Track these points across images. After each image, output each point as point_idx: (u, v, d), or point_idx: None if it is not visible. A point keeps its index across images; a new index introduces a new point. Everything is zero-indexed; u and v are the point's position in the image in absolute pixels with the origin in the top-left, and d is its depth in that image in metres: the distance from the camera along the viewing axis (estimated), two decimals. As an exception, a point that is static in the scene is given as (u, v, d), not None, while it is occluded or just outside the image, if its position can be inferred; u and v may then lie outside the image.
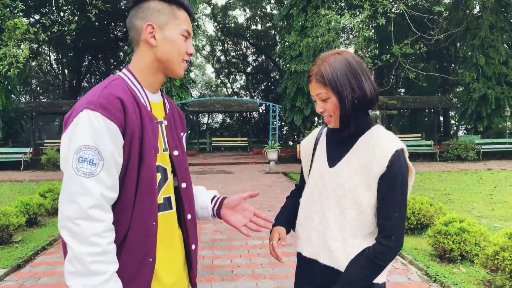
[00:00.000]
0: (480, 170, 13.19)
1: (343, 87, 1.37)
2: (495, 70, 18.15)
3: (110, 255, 1.14)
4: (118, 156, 1.17)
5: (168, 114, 1.37)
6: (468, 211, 6.77)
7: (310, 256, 1.46)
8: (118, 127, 1.15)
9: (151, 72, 1.31)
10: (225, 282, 3.79)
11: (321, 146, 1.53)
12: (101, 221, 1.12)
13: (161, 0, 1.29)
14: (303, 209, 1.52)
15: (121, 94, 1.19)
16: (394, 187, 1.32)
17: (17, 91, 19.90)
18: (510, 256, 3.26)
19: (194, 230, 1.41)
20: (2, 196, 9.26)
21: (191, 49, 1.34)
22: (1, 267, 4.26)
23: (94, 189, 1.12)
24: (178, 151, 1.36)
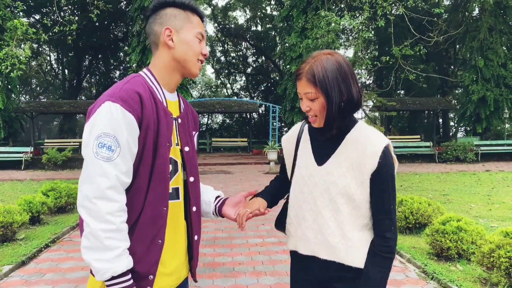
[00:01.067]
0: (479, 171, 13.28)
1: (333, 89, 1.38)
2: (494, 72, 18.26)
3: (123, 233, 1.24)
4: (133, 145, 1.27)
5: (182, 112, 1.49)
6: (466, 211, 6.84)
7: (308, 253, 1.48)
8: (135, 119, 1.26)
9: (169, 71, 1.42)
10: (227, 278, 3.86)
11: (304, 143, 1.56)
12: (116, 201, 1.23)
13: (176, 7, 1.42)
14: (293, 208, 1.54)
15: (140, 89, 1.30)
16: (386, 183, 1.38)
17: (17, 90, 19.96)
18: (506, 253, 3.34)
19: (198, 222, 1.50)
20: (3, 195, 9.32)
21: (205, 50, 1.45)
22: (6, 263, 4.33)
23: (110, 172, 1.23)
24: (189, 147, 1.47)
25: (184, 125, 1.48)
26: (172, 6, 1.42)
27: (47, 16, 25.61)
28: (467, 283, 3.65)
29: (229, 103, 23.98)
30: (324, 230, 1.44)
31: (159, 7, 1.42)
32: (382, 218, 1.40)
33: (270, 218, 6.21)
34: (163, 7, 1.42)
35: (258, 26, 33.85)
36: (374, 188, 1.39)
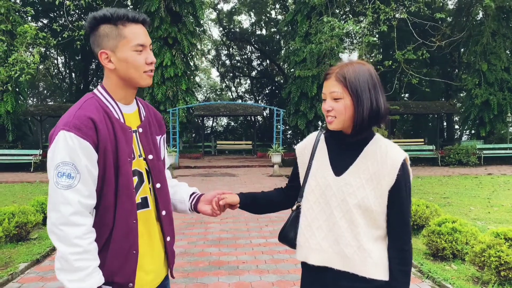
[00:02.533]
0: (481, 174, 13.40)
1: (363, 93, 1.39)
2: (497, 76, 18.38)
3: (91, 253, 1.32)
4: (93, 169, 1.34)
5: (143, 121, 1.52)
6: (465, 213, 7.01)
7: (321, 263, 1.47)
8: (91, 144, 1.32)
9: (120, 88, 1.45)
10: (231, 276, 4.07)
11: (320, 153, 1.55)
12: (81, 225, 1.31)
13: (107, 22, 1.39)
14: (306, 218, 1.53)
15: (92, 114, 1.35)
16: (404, 196, 1.41)
17: (26, 94, 20.28)
18: (495, 253, 3.52)
19: (169, 224, 1.56)
20: (15, 196, 9.60)
21: (150, 59, 1.43)
22: (22, 261, 4.57)
23: (72, 199, 1.29)
24: (153, 155, 1.51)
25: (146, 133, 1.51)
26: (104, 22, 1.39)
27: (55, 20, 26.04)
28: (460, 282, 3.83)
29: (234, 106, 24.22)
30: (340, 240, 1.44)
31: (93, 26, 1.40)
32: (400, 231, 1.43)
33: (273, 220, 6.41)
34: (97, 26, 1.40)
35: (262, 30, 34.13)
36: (392, 201, 1.41)
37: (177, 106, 18.40)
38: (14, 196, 9.67)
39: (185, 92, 19.12)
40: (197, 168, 16.34)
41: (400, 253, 1.42)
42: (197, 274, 4.14)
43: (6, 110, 16.65)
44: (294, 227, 1.57)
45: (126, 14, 1.38)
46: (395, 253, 1.43)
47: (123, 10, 1.39)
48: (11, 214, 5.31)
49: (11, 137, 17.48)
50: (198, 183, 11.20)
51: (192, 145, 25.68)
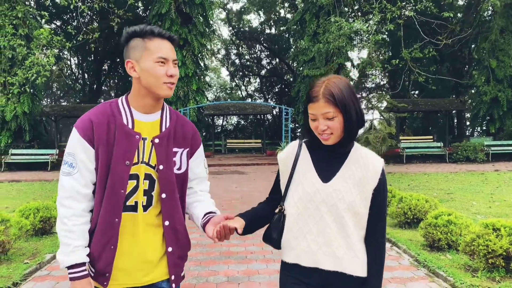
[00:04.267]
0: (488, 171, 13.54)
1: (351, 107, 1.50)
2: (506, 73, 18.41)
3: (75, 234, 1.51)
4: (90, 163, 1.54)
5: (162, 132, 1.62)
6: (467, 208, 7.24)
7: (311, 265, 1.57)
8: (87, 142, 1.52)
9: (140, 96, 1.59)
10: (240, 264, 4.41)
11: (304, 162, 1.64)
12: (71, 208, 1.53)
13: (137, 36, 1.56)
14: (296, 223, 1.61)
15: (94, 116, 1.55)
16: (384, 195, 1.58)
17: (41, 95, 20.85)
18: (484, 242, 3.80)
19: (173, 235, 1.63)
20: (35, 194, 10.07)
21: (170, 71, 1.55)
22: (48, 252, 4.97)
23: (68, 185, 1.53)
24: (164, 166, 1.60)
25: (162, 144, 1.60)
26: (134, 36, 1.56)
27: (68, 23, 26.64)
28: (453, 270, 4.11)
29: (244, 105, 24.56)
30: (331, 242, 1.55)
31: (126, 40, 1.58)
32: (377, 225, 1.58)
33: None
34: (128, 40, 1.57)
35: (272, 29, 34.38)
36: (375, 202, 1.55)
37: (188, 106, 18.81)
38: (34, 193, 10.14)
39: (195, 92, 19.51)
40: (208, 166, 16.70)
41: (376, 245, 1.57)
42: (209, 263, 4.49)
43: (23, 111, 17.09)
44: (277, 229, 1.66)
45: (153, 30, 1.54)
46: (372, 245, 1.57)
47: (152, 27, 1.55)
48: (36, 210, 5.71)
49: (27, 137, 17.97)
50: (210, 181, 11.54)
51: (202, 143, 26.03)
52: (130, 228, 1.58)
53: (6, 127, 17.32)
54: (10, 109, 16.83)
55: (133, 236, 1.58)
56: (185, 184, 1.69)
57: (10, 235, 4.78)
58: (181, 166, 1.65)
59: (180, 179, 1.66)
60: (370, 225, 1.57)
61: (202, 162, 1.79)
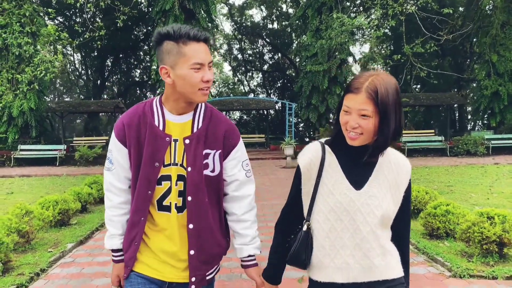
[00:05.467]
0: (487, 164, 13.80)
1: (391, 113, 1.36)
2: (507, 67, 18.59)
3: (113, 223, 1.66)
4: (124, 162, 1.62)
5: (194, 133, 1.59)
6: (466, 200, 7.51)
7: (349, 281, 1.45)
8: (120, 142, 1.60)
9: (173, 99, 1.57)
10: (251, 252, 4.71)
11: (332, 167, 1.48)
12: (110, 200, 1.67)
13: (170, 39, 1.48)
14: (328, 238, 1.47)
15: (127, 118, 1.60)
16: (410, 196, 1.54)
17: (47, 92, 21.16)
18: (479, 229, 4.08)
19: (195, 239, 1.59)
20: (47, 188, 10.40)
21: (206, 77, 1.49)
22: (68, 242, 5.27)
23: (107, 178, 1.66)
24: (191, 168, 1.57)
25: (193, 145, 1.57)
26: (167, 38, 1.48)
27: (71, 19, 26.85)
28: (450, 255, 4.40)
29: (247, 101, 24.82)
30: (369, 253, 1.44)
31: (158, 42, 1.51)
32: (408, 226, 1.56)
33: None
34: (161, 42, 1.50)
35: (274, 24, 34.53)
36: (405, 203, 1.50)
37: (192, 101, 19.06)
38: (46, 188, 10.46)
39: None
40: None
41: (407, 246, 1.56)
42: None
43: (30, 107, 17.38)
44: (305, 248, 1.51)
45: (188, 33, 1.45)
46: (403, 246, 1.54)
47: (186, 28, 1.46)
48: (55, 202, 6.02)
49: (34, 133, 18.26)
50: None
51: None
52: (164, 227, 1.60)
53: (13, 123, 17.64)
54: (17, 105, 17.11)
55: (167, 235, 1.60)
56: (220, 187, 1.65)
57: (34, 225, 5.09)
58: (214, 168, 1.60)
59: (215, 183, 1.62)
60: (402, 226, 1.52)
61: (240, 163, 1.68)
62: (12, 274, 4.13)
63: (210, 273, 1.69)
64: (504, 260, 4.12)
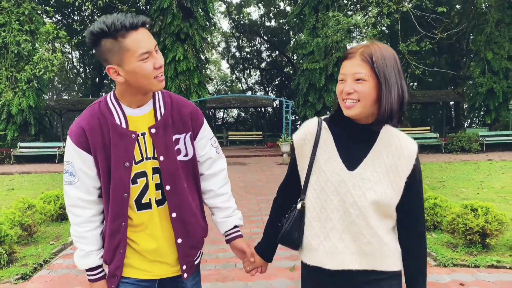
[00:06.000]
0: (481, 160, 14.02)
1: (391, 77, 1.28)
2: (501, 65, 18.81)
3: (87, 239, 1.52)
4: (89, 170, 1.47)
5: (158, 121, 1.50)
6: (456, 195, 7.72)
7: (336, 267, 1.39)
8: (82, 150, 1.45)
9: (130, 94, 1.47)
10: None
11: (326, 144, 1.41)
12: (78, 216, 1.51)
13: (108, 37, 1.34)
14: (319, 219, 1.42)
15: (85, 122, 1.45)
16: (419, 183, 1.40)
17: (46, 89, 21.26)
18: (463, 221, 4.27)
19: (181, 227, 1.56)
20: (47, 184, 10.57)
21: (158, 63, 1.39)
22: (69, 235, 5.44)
23: (71, 194, 1.50)
24: (164, 157, 1.50)
25: (159, 134, 1.50)
26: (103, 37, 1.35)
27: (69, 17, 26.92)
28: (437, 246, 4.59)
29: (245, 98, 25.03)
30: (358, 239, 1.37)
31: (94, 43, 1.37)
32: (420, 216, 1.43)
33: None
34: (97, 41, 1.36)
35: (271, 22, 34.70)
36: (410, 190, 1.37)
37: (190, 99, 19.21)
38: (46, 184, 10.63)
39: (197, 85, 19.92)
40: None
41: (420, 238, 1.43)
42: (219, 242, 4.98)
43: (29, 105, 17.50)
44: (297, 227, 1.46)
45: (124, 24, 1.33)
46: (416, 238, 1.42)
47: (120, 19, 1.33)
48: (56, 197, 6.20)
49: (33, 131, 18.38)
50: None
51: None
52: (147, 226, 1.54)
53: (12, 120, 17.77)
54: (16, 103, 17.24)
55: (151, 234, 1.54)
56: (196, 170, 1.61)
57: (36, 219, 5.27)
58: (187, 152, 1.56)
59: (190, 166, 1.58)
60: (412, 216, 1.41)
61: (209, 141, 1.66)
62: (16, 264, 4.31)
63: (197, 258, 1.67)
64: (487, 250, 4.31)
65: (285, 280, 3.79)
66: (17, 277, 3.96)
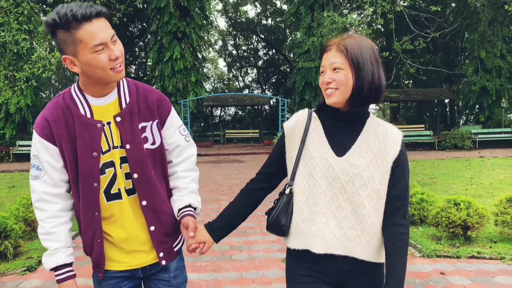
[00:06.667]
0: (473, 157, 14.29)
1: (365, 65, 1.35)
2: (494, 63, 19.09)
3: (54, 236, 1.46)
4: (55, 162, 1.45)
5: (123, 109, 1.49)
6: (446, 191, 7.96)
7: (324, 251, 1.42)
8: (47, 141, 1.42)
9: (91, 84, 1.45)
10: (240, 236, 5.13)
11: (315, 132, 1.47)
12: (45, 210, 1.47)
13: (61, 28, 1.33)
14: (307, 203, 1.45)
15: (49, 114, 1.44)
16: (405, 169, 1.42)
17: (44, 88, 21.37)
18: (446, 214, 4.51)
19: (151, 214, 1.53)
20: (47, 182, 10.76)
21: (113, 54, 1.36)
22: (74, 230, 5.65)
23: (37, 188, 1.46)
24: (130, 145, 1.48)
25: (124, 122, 1.48)
26: (57, 28, 1.34)
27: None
28: (422, 239, 4.83)
29: (242, 97, 25.25)
30: (343, 223, 1.41)
31: (51, 33, 1.37)
32: (400, 205, 1.42)
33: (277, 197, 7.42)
34: (53, 32, 1.36)
35: (268, 20, 34.87)
36: (394, 176, 1.41)
37: (187, 97, 19.43)
38: (46, 182, 10.81)
39: (194, 83, 20.13)
40: (208, 155, 17.42)
41: (402, 227, 1.42)
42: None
43: (26, 103, 17.61)
44: (285, 213, 1.49)
45: (75, 15, 1.30)
46: (397, 227, 1.41)
47: (73, 10, 1.30)
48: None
49: (31, 129, 18.53)
50: (210, 169, 12.30)
51: (201, 134, 26.77)
52: (119, 217, 1.52)
53: (10, 119, 17.90)
54: (14, 102, 17.36)
55: (122, 225, 1.52)
56: (164, 158, 1.59)
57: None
58: (154, 140, 1.54)
59: (158, 154, 1.56)
60: (390, 204, 1.42)
61: (177, 129, 1.63)
62: (22, 258, 4.52)
63: (176, 244, 1.64)
64: (469, 242, 4.55)
65: (277, 270, 4.02)
66: (23, 269, 4.18)
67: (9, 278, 3.98)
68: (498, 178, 9.29)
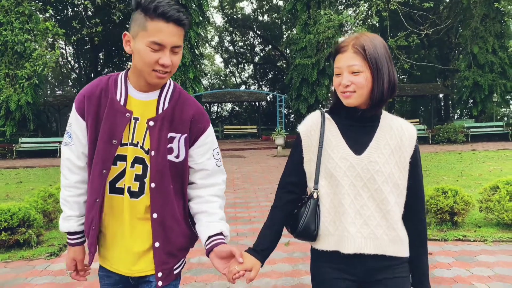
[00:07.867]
0: (465, 151, 14.76)
1: (383, 65, 1.35)
2: (486, 59, 19.54)
3: (69, 204, 1.53)
4: (82, 136, 1.49)
5: (159, 114, 1.45)
6: (437, 182, 8.37)
7: (353, 251, 1.41)
8: (79, 116, 1.47)
9: (136, 74, 1.45)
10: (245, 225, 5.52)
11: (331, 133, 1.47)
12: (67, 178, 1.53)
13: (141, 9, 1.35)
14: (332, 204, 1.45)
15: (87, 90, 1.48)
16: (419, 166, 1.45)
17: (43, 85, 21.60)
18: (434, 202, 4.92)
19: (160, 229, 1.47)
20: (53, 177, 11.09)
21: (163, 60, 1.35)
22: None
23: (65, 155, 1.52)
24: (155, 152, 1.44)
25: (157, 127, 1.44)
26: (139, 7, 1.36)
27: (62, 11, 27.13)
28: (413, 225, 5.24)
29: (239, 93, 25.61)
30: (370, 222, 1.41)
31: (135, 8, 1.39)
32: (420, 201, 1.47)
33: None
34: (136, 8, 1.38)
35: (264, 16, 35.15)
36: (412, 171, 1.43)
37: (186, 94, 19.70)
38: (52, 177, 11.16)
39: (193, 80, 20.43)
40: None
41: (421, 223, 1.47)
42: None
43: (27, 101, 17.81)
44: (314, 218, 1.46)
45: (157, 7, 1.31)
46: (417, 223, 1.46)
47: (160, 3, 1.32)
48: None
49: (32, 126, 18.72)
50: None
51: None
52: (116, 212, 1.48)
53: (10, 116, 18.10)
54: (14, 99, 17.56)
55: (119, 222, 1.48)
56: (185, 175, 1.52)
57: (56, 206, 5.84)
58: (179, 154, 1.48)
59: (179, 169, 1.49)
60: (414, 199, 1.46)
61: (209, 151, 1.55)
62: (44, 245, 4.89)
63: (177, 267, 1.55)
64: (456, 227, 4.97)
65: (281, 252, 4.41)
66: (47, 255, 4.55)
67: (37, 262, 4.35)
68: (487, 170, 9.73)
